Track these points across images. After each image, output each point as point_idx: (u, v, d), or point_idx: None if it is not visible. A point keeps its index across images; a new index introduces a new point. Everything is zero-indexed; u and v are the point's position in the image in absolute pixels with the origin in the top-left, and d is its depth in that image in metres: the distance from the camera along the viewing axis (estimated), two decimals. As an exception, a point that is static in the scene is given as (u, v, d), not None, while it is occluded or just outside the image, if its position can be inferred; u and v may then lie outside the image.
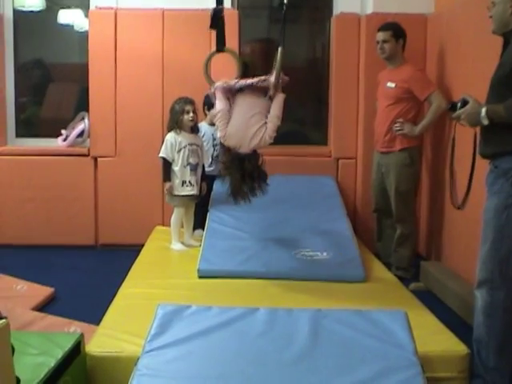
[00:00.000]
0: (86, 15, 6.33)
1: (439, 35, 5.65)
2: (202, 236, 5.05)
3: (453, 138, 3.78)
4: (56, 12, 6.57)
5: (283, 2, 4.40)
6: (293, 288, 4.16)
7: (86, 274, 5.45)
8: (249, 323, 3.07)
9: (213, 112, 5.56)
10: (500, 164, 3.19)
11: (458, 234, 5.06)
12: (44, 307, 4.57)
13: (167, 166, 5.17)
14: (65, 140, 6.38)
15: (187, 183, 5.17)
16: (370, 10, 6.08)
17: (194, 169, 5.20)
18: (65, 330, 3.92)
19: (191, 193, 5.20)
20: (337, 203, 5.63)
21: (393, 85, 5.36)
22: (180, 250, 5.19)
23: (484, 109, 3.17)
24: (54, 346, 2.87)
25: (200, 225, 5.43)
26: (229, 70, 4.69)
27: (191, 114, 5.16)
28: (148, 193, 6.15)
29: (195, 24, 5.95)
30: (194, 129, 5.26)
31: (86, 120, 6.29)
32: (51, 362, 2.72)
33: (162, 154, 5.16)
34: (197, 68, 4.65)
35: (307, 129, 7.00)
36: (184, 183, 5.16)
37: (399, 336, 2.96)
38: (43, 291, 4.78)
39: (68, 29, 6.61)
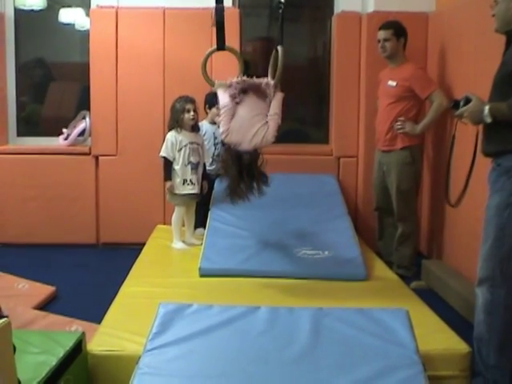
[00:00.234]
0: (87, 14, 6.33)
1: (440, 34, 5.64)
2: (203, 235, 5.05)
3: (453, 136, 3.78)
4: (57, 11, 6.57)
5: (280, 1, 4.40)
6: (294, 287, 4.16)
7: (88, 273, 5.45)
8: (250, 322, 3.07)
9: (214, 111, 5.60)
10: (503, 162, 3.19)
11: (460, 233, 5.06)
12: (45, 306, 4.57)
13: (168, 165, 5.17)
14: (66, 139, 6.37)
15: (188, 182, 5.17)
16: (371, 9, 6.08)
17: (195, 167, 5.20)
18: (66, 329, 3.92)
19: (192, 191, 5.20)
20: (338, 202, 5.63)
21: (394, 83, 5.36)
22: (181, 249, 5.19)
23: (487, 107, 3.16)
24: (56, 345, 2.87)
25: (201, 223, 5.43)
26: (229, 69, 4.70)
27: (192, 113, 5.15)
28: (149, 191, 6.15)
29: (196, 23, 5.95)
30: (195, 127, 5.26)
31: (87, 119, 6.28)
32: (52, 361, 2.72)
33: (163, 153, 5.16)
34: (198, 67, 4.61)
35: (308, 127, 7.00)
36: (185, 182, 5.16)
37: (400, 334, 2.96)
38: (44, 290, 4.78)
39: (69, 28, 6.61)
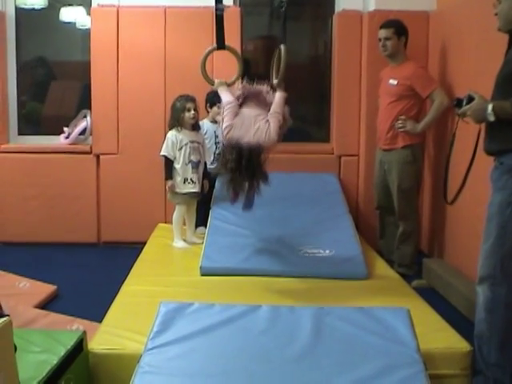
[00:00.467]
0: (88, 13, 6.32)
1: (441, 32, 5.64)
2: (204, 233, 5.06)
3: (453, 134, 3.77)
4: (58, 9, 6.57)
5: (282, 0, 4.40)
6: (295, 285, 4.16)
7: (89, 272, 5.45)
8: (251, 321, 3.07)
9: (215, 109, 5.60)
10: (505, 160, 3.19)
11: (461, 231, 5.06)
12: (46, 305, 4.58)
13: (169, 164, 5.17)
14: (67, 137, 6.37)
15: (189, 181, 5.17)
16: (372, 7, 6.08)
17: (196, 166, 5.20)
18: (67, 328, 3.92)
19: (193, 190, 5.20)
20: (339, 200, 5.63)
21: (395, 82, 5.36)
22: (182, 248, 5.20)
23: (490, 105, 3.16)
24: (57, 344, 2.87)
25: (202, 222, 5.43)
26: (230, 68, 4.70)
27: (192, 112, 5.15)
28: (150, 190, 6.14)
29: (197, 21, 5.95)
30: (196, 126, 5.27)
31: (89, 117, 6.28)
32: (54, 360, 2.72)
33: (164, 153, 5.16)
34: (199, 65, 4.64)
35: (309, 126, 7.00)
36: (186, 181, 5.17)
37: (402, 333, 2.96)
38: (46, 289, 4.78)
39: (70, 26, 6.61)
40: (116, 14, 6.10)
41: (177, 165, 5.15)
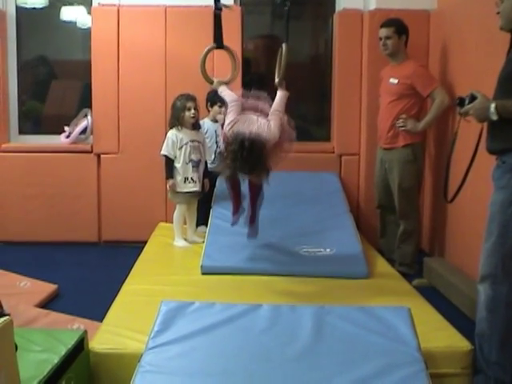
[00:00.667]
0: (89, 12, 6.32)
1: (442, 31, 5.63)
2: (205, 232, 5.05)
3: (455, 133, 3.77)
4: (59, 9, 6.58)
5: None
6: (296, 284, 4.16)
7: (90, 271, 5.45)
8: (252, 320, 3.07)
9: (215, 108, 5.61)
10: (508, 159, 3.19)
11: (461, 230, 5.06)
12: (47, 304, 4.57)
13: (169, 164, 5.17)
14: (68, 137, 6.37)
15: (189, 180, 5.17)
16: (373, 6, 6.08)
17: (196, 165, 5.20)
18: (68, 327, 3.92)
19: (193, 189, 5.20)
20: (340, 199, 5.63)
21: (395, 81, 5.36)
22: (183, 247, 5.20)
23: (493, 104, 3.16)
24: (58, 343, 2.87)
25: (203, 221, 5.43)
26: (230, 67, 4.70)
27: (193, 111, 5.15)
28: (151, 189, 6.14)
29: (198, 20, 5.94)
30: (196, 125, 5.26)
31: (89, 117, 6.28)
32: (54, 359, 2.72)
33: (164, 152, 5.16)
34: (198, 65, 4.65)
35: (310, 125, 6.99)
36: (186, 180, 5.17)
37: (402, 332, 2.96)
38: (46, 288, 4.78)
39: (71, 25, 6.61)
40: (116, 13, 6.09)
41: (177, 164, 5.15)
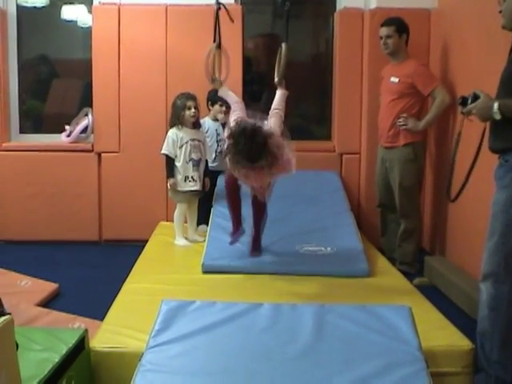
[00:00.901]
0: (90, 11, 6.31)
1: (443, 30, 5.63)
2: (206, 231, 5.06)
3: (458, 133, 3.75)
4: (59, 8, 6.57)
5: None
6: (297, 283, 4.15)
7: (90, 270, 5.45)
8: (253, 319, 3.07)
9: (216, 107, 5.62)
10: (510, 158, 3.18)
11: (462, 229, 5.06)
12: (48, 303, 4.58)
13: (170, 163, 5.17)
14: (68, 136, 6.37)
15: (190, 179, 5.17)
16: (374, 5, 6.07)
17: (197, 164, 5.20)
18: (69, 326, 3.92)
19: (194, 188, 5.20)
20: (341, 198, 5.63)
21: (396, 80, 5.36)
22: (184, 246, 5.19)
23: (496, 103, 3.15)
24: (58, 342, 2.87)
25: (204, 220, 5.43)
26: (231, 66, 4.70)
27: (193, 110, 5.15)
28: (152, 188, 6.14)
29: (199, 19, 5.93)
30: (196, 124, 5.26)
31: (90, 116, 6.28)
32: (55, 358, 2.71)
33: (164, 151, 5.16)
34: (200, 63, 4.65)
35: (311, 124, 7.00)
36: (187, 179, 5.17)
37: (403, 331, 2.96)
38: (47, 287, 4.78)
39: (71, 24, 6.60)
40: (117, 12, 6.09)
41: (177, 163, 5.15)
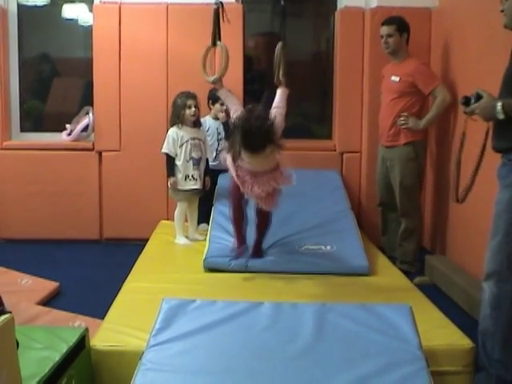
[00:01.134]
0: (91, 9, 6.31)
1: (443, 29, 5.63)
2: (207, 230, 5.06)
3: (463, 133, 3.74)
4: (60, 6, 6.56)
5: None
6: (297, 282, 4.16)
7: (91, 269, 5.45)
8: (253, 317, 3.07)
9: (217, 106, 5.62)
10: None
11: (463, 228, 5.06)
12: (49, 301, 4.58)
13: (170, 162, 5.18)
14: (69, 134, 6.37)
15: (190, 177, 5.17)
16: (375, 4, 6.07)
17: (197, 163, 5.20)
18: (69, 325, 3.93)
19: (194, 187, 5.20)
20: (341, 197, 5.62)
21: (397, 79, 5.35)
22: (184, 245, 5.19)
23: (500, 103, 3.14)
24: (59, 341, 2.87)
25: (205, 219, 5.43)
26: (232, 65, 4.69)
27: (193, 109, 5.15)
28: (153, 187, 6.13)
29: (199, 18, 5.92)
30: (197, 123, 5.26)
31: (91, 114, 6.27)
32: (56, 357, 2.71)
33: (165, 150, 5.16)
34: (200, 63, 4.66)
35: (312, 123, 6.99)
36: (187, 177, 5.17)
37: (404, 330, 2.96)
38: (48, 285, 4.79)
39: (72, 23, 6.60)
40: (118, 11, 6.08)
41: (178, 162, 5.15)
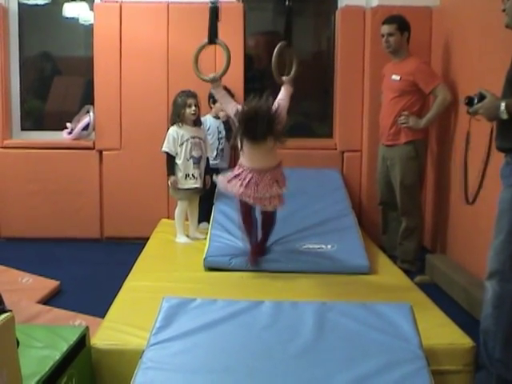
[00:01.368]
0: (91, 8, 6.32)
1: (444, 28, 5.62)
2: (207, 229, 5.06)
3: (468, 134, 3.74)
4: (61, 5, 6.56)
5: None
6: (298, 280, 4.16)
7: (92, 267, 5.45)
8: (254, 316, 3.07)
9: (218, 105, 5.61)
10: None
11: (464, 227, 5.05)
12: (49, 300, 4.58)
13: (170, 160, 5.18)
14: (70, 133, 6.37)
15: (190, 176, 5.17)
16: (375, 3, 6.07)
17: (197, 162, 5.20)
18: (70, 323, 3.93)
19: (194, 186, 5.20)
20: (342, 196, 5.62)
21: (398, 78, 5.35)
22: (185, 243, 5.19)
23: (503, 103, 3.14)
24: (59, 339, 2.87)
25: (205, 218, 5.44)
26: (233, 64, 4.69)
27: (193, 108, 5.15)
28: (153, 186, 6.13)
29: (200, 17, 5.86)
30: (197, 122, 5.26)
31: (91, 113, 6.28)
32: (56, 355, 2.71)
33: (165, 149, 5.16)
34: (202, 62, 4.66)
35: (312, 121, 6.99)
36: (187, 176, 5.17)
37: (404, 329, 2.96)
38: (48, 284, 4.79)
39: (73, 22, 6.59)
40: (119, 10, 6.09)
41: (178, 160, 5.15)
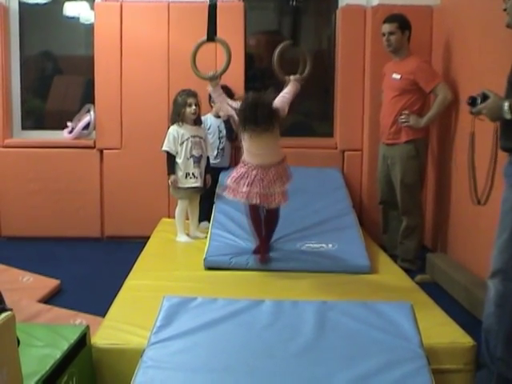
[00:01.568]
0: (92, 7, 6.31)
1: (445, 27, 5.62)
2: (208, 228, 5.06)
3: (472, 134, 3.73)
4: (62, 4, 6.56)
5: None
6: (298, 280, 4.15)
7: (92, 266, 5.45)
8: (254, 315, 3.07)
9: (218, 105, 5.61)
10: None
11: (464, 226, 5.05)
12: (50, 299, 4.58)
13: (171, 159, 5.18)
14: (71, 132, 6.37)
15: (191, 175, 5.17)
16: (376, 2, 6.06)
17: (198, 161, 5.19)
18: (70, 322, 3.93)
19: (195, 185, 5.20)
20: (343, 195, 5.62)
21: (398, 76, 5.35)
22: (185, 242, 5.19)
23: (507, 103, 3.13)
24: (60, 338, 2.87)
25: (206, 217, 5.44)
26: (233, 63, 4.69)
27: (194, 107, 5.15)
28: (154, 185, 6.13)
29: (200, 16, 5.86)
30: (197, 121, 5.26)
31: (92, 112, 6.28)
32: (57, 354, 2.72)
33: (165, 148, 5.16)
34: (202, 60, 4.66)
35: (313, 121, 6.98)
36: (187, 175, 5.17)
37: (405, 328, 2.96)
38: (49, 283, 4.79)
39: (74, 21, 6.60)
40: (119, 9, 6.09)
41: (178, 159, 5.15)
